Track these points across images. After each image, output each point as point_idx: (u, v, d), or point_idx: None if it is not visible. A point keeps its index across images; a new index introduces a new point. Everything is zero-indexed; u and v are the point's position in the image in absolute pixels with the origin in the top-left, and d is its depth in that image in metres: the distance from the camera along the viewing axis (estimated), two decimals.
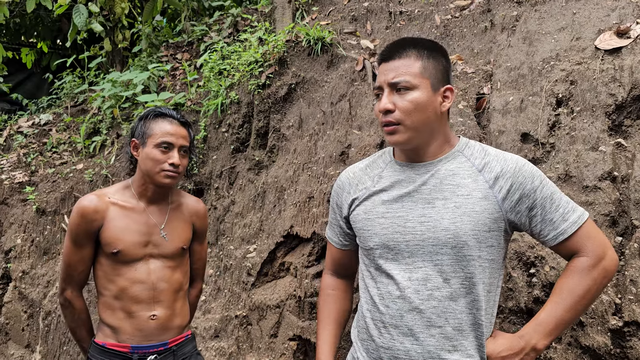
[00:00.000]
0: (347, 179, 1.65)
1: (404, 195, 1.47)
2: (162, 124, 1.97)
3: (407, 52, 1.44)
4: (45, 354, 3.76)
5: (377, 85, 1.46)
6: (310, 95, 3.32)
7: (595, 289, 1.39)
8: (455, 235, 1.39)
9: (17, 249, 4.14)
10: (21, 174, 4.56)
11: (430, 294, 1.41)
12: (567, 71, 2.37)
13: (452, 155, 1.48)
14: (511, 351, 1.40)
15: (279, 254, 3.04)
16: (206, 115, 3.70)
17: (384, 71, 1.45)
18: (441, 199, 1.43)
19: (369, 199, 1.54)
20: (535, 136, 2.29)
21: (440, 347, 1.40)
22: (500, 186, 1.41)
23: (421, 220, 1.43)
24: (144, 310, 1.97)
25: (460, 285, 1.41)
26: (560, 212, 1.41)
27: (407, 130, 1.42)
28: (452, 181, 1.44)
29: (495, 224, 1.41)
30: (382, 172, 1.56)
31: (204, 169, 3.64)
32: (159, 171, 1.94)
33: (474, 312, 1.41)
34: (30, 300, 3.95)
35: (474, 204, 1.40)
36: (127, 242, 1.95)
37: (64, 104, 5.76)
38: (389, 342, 1.45)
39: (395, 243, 1.46)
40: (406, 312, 1.43)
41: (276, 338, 2.89)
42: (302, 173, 3.09)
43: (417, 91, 1.41)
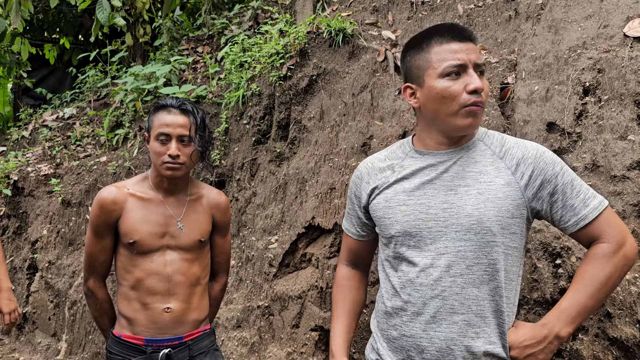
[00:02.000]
0: (365, 169, 1.64)
1: (426, 182, 1.47)
2: (161, 116, 1.95)
3: (474, 38, 1.46)
4: (71, 342, 3.84)
5: (458, 64, 1.39)
6: (332, 87, 3.31)
7: (617, 276, 1.38)
8: (479, 221, 1.39)
9: (43, 239, 4.22)
10: (46, 166, 4.65)
11: (454, 280, 1.40)
12: (594, 59, 2.32)
13: (472, 144, 1.49)
14: (534, 340, 1.39)
15: (300, 245, 3.05)
16: (227, 107, 3.72)
17: (463, 50, 1.41)
18: (464, 186, 1.43)
19: (390, 188, 1.53)
20: (561, 125, 2.26)
21: (464, 333, 1.39)
22: (522, 172, 1.41)
23: (444, 206, 1.43)
24: (158, 302, 1.97)
25: (484, 272, 1.40)
26: (582, 198, 1.40)
27: (482, 112, 1.44)
28: (475, 168, 1.44)
29: (517, 211, 1.41)
30: (403, 161, 1.55)
31: (225, 161, 3.66)
32: (161, 163, 1.94)
33: (497, 299, 1.41)
34: (56, 290, 4.03)
35: (497, 190, 1.40)
36: (143, 232, 1.96)
37: (87, 97, 5.85)
38: (412, 330, 1.45)
39: (417, 230, 1.45)
40: (429, 299, 1.42)
41: (298, 328, 2.91)
42: (323, 164, 3.09)
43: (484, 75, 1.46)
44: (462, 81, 1.39)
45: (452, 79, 1.40)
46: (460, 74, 1.40)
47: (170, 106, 1.97)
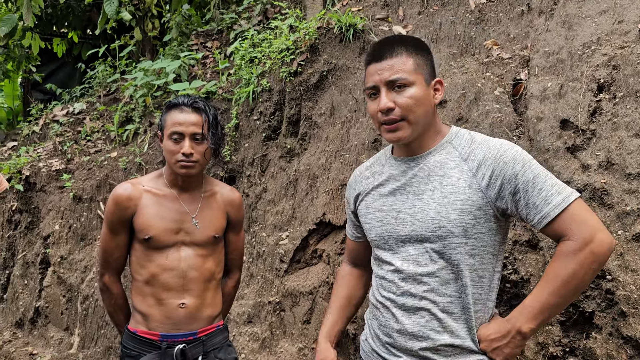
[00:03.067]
0: (354, 176, 1.76)
1: (397, 188, 1.56)
2: (173, 114, 1.96)
3: (398, 51, 1.49)
4: (84, 336, 3.88)
5: (371, 86, 1.50)
6: (342, 83, 3.30)
7: (583, 273, 1.37)
8: (440, 224, 1.45)
9: (55, 234, 4.26)
10: (58, 161, 4.68)
11: (421, 279, 1.49)
12: (609, 55, 2.30)
13: (441, 147, 1.53)
14: (499, 334, 1.45)
15: (311, 241, 3.06)
16: (238, 103, 3.72)
17: (377, 71, 1.49)
18: (429, 190, 1.49)
19: (370, 194, 1.64)
20: (575, 123, 2.24)
21: (430, 327, 1.48)
22: (483, 173, 1.44)
23: (411, 211, 1.51)
24: (173, 298, 1.98)
25: (449, 271, 1.47)
26: (543, 196, 1.40)
27: (410, 125, 1.47)
28: (439, 172, 1.50)
29: (481, 211, 1.45)
30: (383, 168, 1.64)
31: (236, 157, 3.67)
32: (175, 162, 1.95)
33: (463, 297, 1.47)
34: (68, 285, 4.07)
35: (458, 193, 1.45)
36: (158, 228, 1.97)
37: (97, 93, 5.87)
38: (386, 321, 1.57)
39: (389, 234, 1.56)
40: (399, 295, 1.53)
41: (309, 324, 2.92)
42: (334, 160, 3.09)
43: (414, 87, 1.46)
44: (377, 101, 1.49)
45: (371, 99, 1.53)
46: (376, 95, 1.51)
47: (182, 104, 1.98)
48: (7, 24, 5.69)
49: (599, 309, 1.98)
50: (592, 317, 1.99)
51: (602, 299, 1.97)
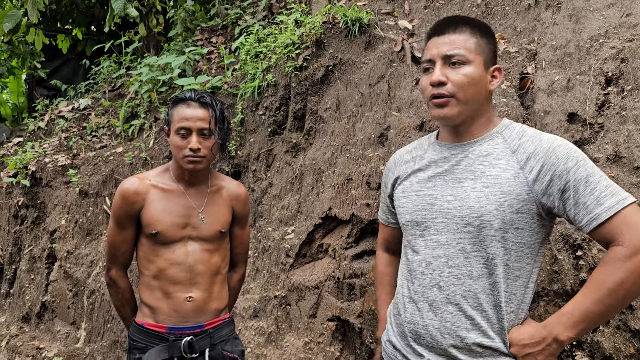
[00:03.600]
0: (394, 160, 1.70)
1: (437, 174, 1.50)
2: (180, 109, 1.96)
3: (462, 28, 1.43)
4: (90, 331, 3.90)
5: (428, 59, 1.45)
6: (348, 77, 3.30)
7: (632, 283, 1.26)
8: (479, 214, 1.39)
9: (61, 229, 4.27)
10: (63, 157, 4.69)
11: (451, 271, 1.43)
12: (617, 49, 2.29)
13: (490, 136, 1.47)
14: (532, 340, 1.37)
15: (317, 236, 3.06)
16: (243, 98, 3.72)
17: (436, 44, 1.44)
18: (471, 179, 1.43)
19: (408, 178, 1.59)
20: (582, 116, 2.24)
21: (458, 324, 1.41)
22: (532, 167, 1.37)
23: (449, 199, 1.45)
24: (180, 291, 1.99)
25: (482, 265, 1.40)
26: (596, 196, 1.31)
27: (459, 103, 1.42)
28: (485, 162, 1.44)
29: (524, 206, 1.37)
30: (425, 152, 1.59)
31: (241, 152, 3.67)
32: (182, 157, 1.95)
33: (495, 294, 1.40)
34: (75, 279, 4.08)
35: (502, 184, 1.39)
36: (165, 223, 1.98)
37: (102, 88, 5.88)
38: (411, 317, 1.50)
39: (422, 219, 1.50)
40: (427, 288, 1.46)
41: (315, 318, 2.93)
42: (340, 155, 3.09)
43: (471, 66, 1.40)
44: (431, 75, 1.44)
45: (425, 74, 1.48)
46: (429, 70, 1.46)
47: (189, 99, 1.98)
48: (11, 20, 5.70)
49: None
50: None
51: None
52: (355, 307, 2.74)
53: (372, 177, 2.85)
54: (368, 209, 2.82)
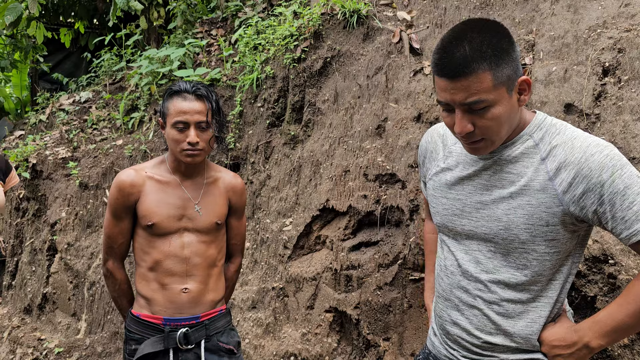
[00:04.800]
0: (426, 143, 1.59)
1: (465, 177, 1.42)
2: (176, 102, 1.93)
3: (473, 67, 1.20)
4: (91, 322, 3.92)
5: (444, 102, 1.29)
6: (346, 69, 3.29)
7: None
8: (506, 227, 1.33)
9: (62, 222, 4.29)
10: (64, 149, 4.71)
11: (478, 277, 1.39)
12: (614, 39, 2.28)
13: (520, 139, 1.34)
14: (562, 342, 1.34)
15: (314, 228, 3.06)
16: (242, 90, 3.72)
17: (448, 89, 1.25)
18: (499, 187, 1.35)
19: (437, 175, 1.52)
20: (579, 107, 2.22)
21: (482, 328, 1.39)
22: (562, 178, 1.26)
23: (477, 207, 1.39)
24: (176, 283, 1.99)
25: (510, 275, 1.35)
26: (635, 210, 1.21)
27: (492, 143, 1.30)
28: (513, 169, 1.34)
29: (554, 218, 1.29)
30: (454, 145, 1.49)
31: (240, 144, 3.67)
32: (180, 151, 1.94)
33: (524, 301, 1.36)
34: (75, 271, 4.11)
35: (530, 197, 1.30)
36: (161, 215, 1.97)
37: (103, 82, 5.89)
38: (441, 312, 1.49)
39: (453, 225, 1.45)
40: (455, 288, 1.44)
41: (312, 310, 2.94)
42: (337, 147, 3.09)
43: (496, 106, 1.24)
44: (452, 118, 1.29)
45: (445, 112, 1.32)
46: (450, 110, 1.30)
47: (184, 91, 1.95)
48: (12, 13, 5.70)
49: (601, 293, 1.97)
50: (594, 302, 1.99)
51: (604, 283, 1.96)
52: (352, 298, 2.75)
53: (370, 169, 2.85)
54: (365, 201, 2.82)
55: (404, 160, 2.73)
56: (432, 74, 1.36)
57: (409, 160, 2.71)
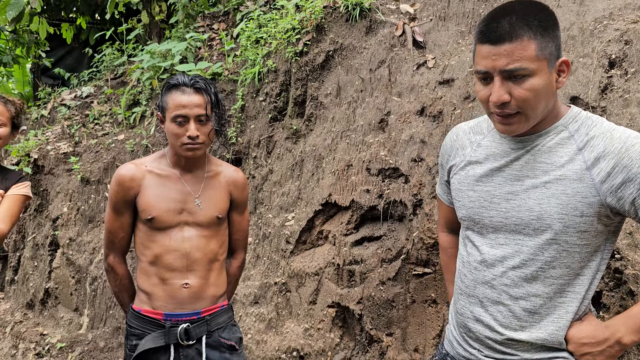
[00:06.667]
0: (451, 141, 1.57)
1: (495, 169, 1.39)
2: (175, 96, 1.91)
3: (519, 32, 1.22)
4: (93, 317, 3.92)
5: (483, 71, 1.27)
6: (349, 62, 3.26)
7: None
8: (539, 217, 1.30)
9: (63, 217, 4.29)
10: (66, 144, 4.70)
11: (505, 272, 1.36)
12: (621, 31, 2.24)
13: (554, 130, 1.33)
14: (593, 340, 1.31)
15: (317, 222, 3.04)
16: (244, 84, 3.70)
17: (491, 55, 1.24)
18: (531, 177, 1.32)
19: (464, 169, 1.48)
20: (585, 100, 2.19)
21: (506, 324, 1.36)
22: (600, 168, 1.25)
23: (507, 197, 1.35)
24: (177, 278, 1.97)
25: (539, 268, 1.32)
26: None
27: (527, 119, 1.28)
28: (547, 159, 1.31)
29: (589, 209, 1.27)
30: (483, 139, 1.47)
31: (242, 139, 3.65)
32: (180, 145, 1.92)
33: (551, 296, 1.33)
34: (77, 266, 4.10)
35: (565, 186, 1.27)
36: (161, 209, 1.96)
37: (104, 76, 5.87)
38: (463, 309, 1.46)
39: (480, 217, 1.41)
40: (479, 284, 1.41)
41: (315, 305, 2.92)
42: (340, 141, 3.06)
43: (535, 77, 1.23)
44: (489, 88, 1.29)
45: (481, 83, 1.31)
46: (487, 80, 1.29)
47: (183, 85, 1.93)
48: (14, 8, 5.69)
49: (607, 288, 1.95)
50: (600, 297, 1.96)
51: (610, 278, 1.94)
52: (355, 293, 2.73)
53: (373, 163, 2.83)
54: (368, 195, 2.80)
55: (407, 155, 2.70)
56: (473, 46, 1.34)
57: (412, 155, 2.68)
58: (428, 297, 2.54)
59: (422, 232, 2.53)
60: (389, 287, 2.62)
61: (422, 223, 2.54)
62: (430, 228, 2.49)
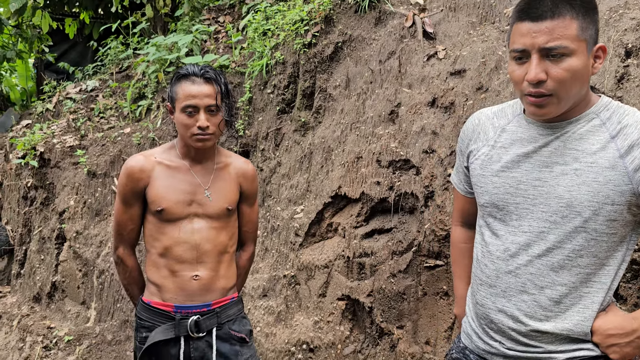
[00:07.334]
0: (472, 125, 1.54)
1: (522, 155, 1.37)
2: (185, 86, 1.90)
3: (561, 10, 1.21)
4: (100, 310, 3.91)
5: (521, 49, 1.25)
6: (358, 54, 3.23)
7: None
8: (568, 204, 1.28)
9: (70, 210, 4.28)
10: (72, 138, 4.68)
11: (530, 260, 1.33)
12: (637, 20, 2.21)
13: (585, 117, 1.31)
14: (621, 331, 1.29)
15: (326, 215, 3.03)
16: (251, 76, 3.67)
17: (530, 32, 1.23)
18: (561, 164, 1.30)
19: (487, 154, 1.45)
20: (601, 89, 2.17)
21: (531, 314, 1.34)
22: (634, 156, 1.23)
23: (535, 184, 1.33)
24: (186, 270, 1.97)
25: (565, 257, 1.30)
26: None
27: (560, 101, 1.25)
28: (578, 146, 1.29)
29: (621, 198, 1.25)
30: (508, 124, 1.44)
31: (249, 131, 3.63)
32: (190, 136, 1.91)
33: (577, 286, 1.31)
34: (84, 260, 4.09)
35: (597, 173, 1.26)
36: (170, 200, 1.95)
37: (109, 70, 5.85)
38: (484, 300, 1.43)
39: (504, 204, 1.38)
40: (502, 274, 1.38)
41: (325, 298, 2.90)
42: (349, 133, 3.04)
43: (574, 57, 1.22)
44: (525, 67, 1.26)
45: (517, 63, 1.29)
46: (523, 59, 1.27)
47: (193, 75, 1.92)
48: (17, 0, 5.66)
49: (623, 280, 1.93)
50: (617, 289, 1.94)
51: (627, 269, 1.92)
52: (365, 286, 2.72)
53: (383, 155, 2.81)
54: (378, 187, 2.78)
55: (419, 146, 2.68)
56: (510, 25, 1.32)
57: (424, 146, 2.66)
58: (440, 289, 2.52)
59: (434, 224, 2.51)
60: (400, 280, 2.60)
61: (434, 215, 2.52)
62: (443, 220, 2.47)
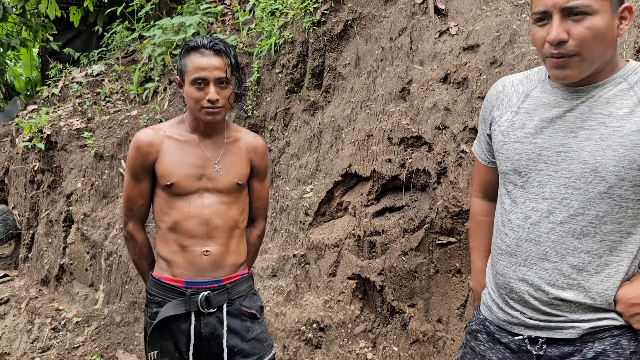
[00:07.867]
0: (496, 92, 1.50)
1: (545, 120, 1.33)
2: (194, 58, 1.86)
3: None
4: (108, 292, 3.91)
5: (542, 10, 1.23)
6: (368, 32, 3.19)
7: None
8: (593, 169, 1.25)
9: (77, 192, 4.26)
10: (78, 121, 4.66)
11: (552, 227, 1.30)
12: None
13: (612, 81, 1.27)
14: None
15: (336, 194, 3.00)
16: (259, 56, 3.63)
17: None
18: (586, 129, 1.27)
19: (510, 120, 1.41)
20: None
21: (553, 282, 1.31)
22: None
23: (559, 149, 1.30)
24: (197, 245, 1.94)
25: (588, 223, 1.27)
26: None
27: (583, 62, 1.22)
28: (604, 110, 1.26)
29: None
30: (532, 90, 1.40)
31: (257, 111, 3.60)
32: (199, 109, 1.87)
33: (601, 254, 1.28)
34: (92, 242, 4.08)
35: (623, 138, 1.22)
36: (180, 174, 1.92)
37: (115, 55, 5.82)
38: (504, 269, 1.40)
39: (526, 170, 1.35)
40: (523, 242, 1.35)
41: (335, 277, 2.88)
42: (360, 111, 3.00)
43: (597, 16, 1.18)
44: (546, 29, 1.23)
45: (538, 25, 1.25)
46: (544, 20, 1.24)
47: (202, 47, 1.88)
48: None
49: None
50: None
51: None
52: (376, 264, 2.69)
53: (394, 132, 2.77)
54: (390, 165, 2.74)
55: (431, 122, 2.64)
56: None
57: (436, 122, 2.62)
58: (452, 266, 2.49)
59: (446, 201, 2.48)
60: (412, 258, 2.58)
61: (447, 191, 2.49)
62: (456, 196, 2.44)
